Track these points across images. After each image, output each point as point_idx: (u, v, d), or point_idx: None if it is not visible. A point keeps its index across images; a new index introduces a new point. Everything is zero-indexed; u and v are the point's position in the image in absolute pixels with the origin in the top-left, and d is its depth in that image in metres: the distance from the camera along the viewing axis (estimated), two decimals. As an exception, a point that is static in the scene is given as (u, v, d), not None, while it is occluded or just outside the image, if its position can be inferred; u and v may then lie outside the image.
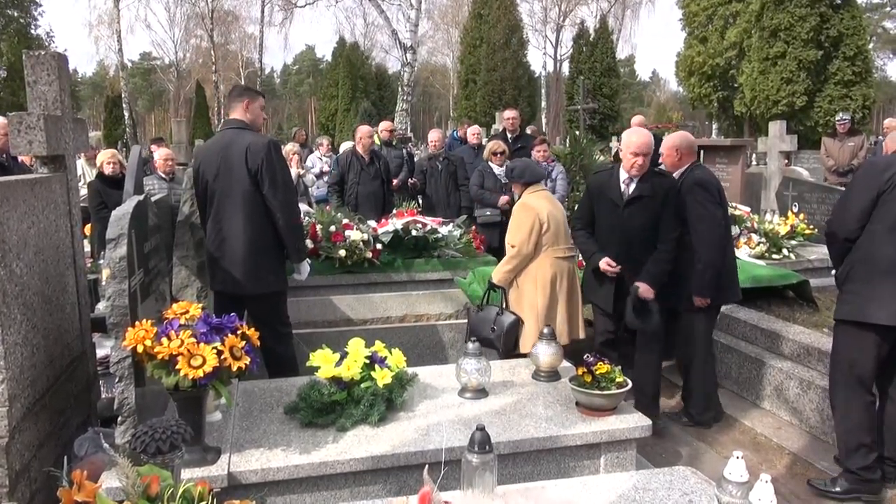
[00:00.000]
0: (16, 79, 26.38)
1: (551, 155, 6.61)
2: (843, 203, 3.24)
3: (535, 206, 4.08)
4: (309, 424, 2.76)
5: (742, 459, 1.87)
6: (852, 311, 3.11)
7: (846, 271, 3.19)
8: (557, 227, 4.11)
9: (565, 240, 4.15)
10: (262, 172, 3.56)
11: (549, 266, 4.05)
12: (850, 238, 3.14)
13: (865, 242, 3.10)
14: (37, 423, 2.46)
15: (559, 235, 4.11)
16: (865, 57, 19.29)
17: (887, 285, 3.00)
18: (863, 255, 3.10)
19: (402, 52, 17.91)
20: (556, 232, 4.09)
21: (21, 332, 2.35)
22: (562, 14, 34.93)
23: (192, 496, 1.76)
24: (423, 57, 39.68)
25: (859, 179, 3.25)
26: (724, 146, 8.96)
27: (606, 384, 2.88)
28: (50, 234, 2.74)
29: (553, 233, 4.07)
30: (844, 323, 3.17)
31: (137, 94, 50.83)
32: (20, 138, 2.72)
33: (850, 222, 3.13)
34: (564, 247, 4.13)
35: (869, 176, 3.13)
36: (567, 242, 4.17)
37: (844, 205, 3.21)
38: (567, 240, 4.17)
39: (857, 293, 3.11)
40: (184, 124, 17.27)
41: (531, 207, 4.08)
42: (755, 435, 3.98)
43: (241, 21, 38.13)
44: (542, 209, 4.07)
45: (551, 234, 4.06)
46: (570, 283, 4.16)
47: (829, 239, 3.31)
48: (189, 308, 2.55)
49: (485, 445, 1.98)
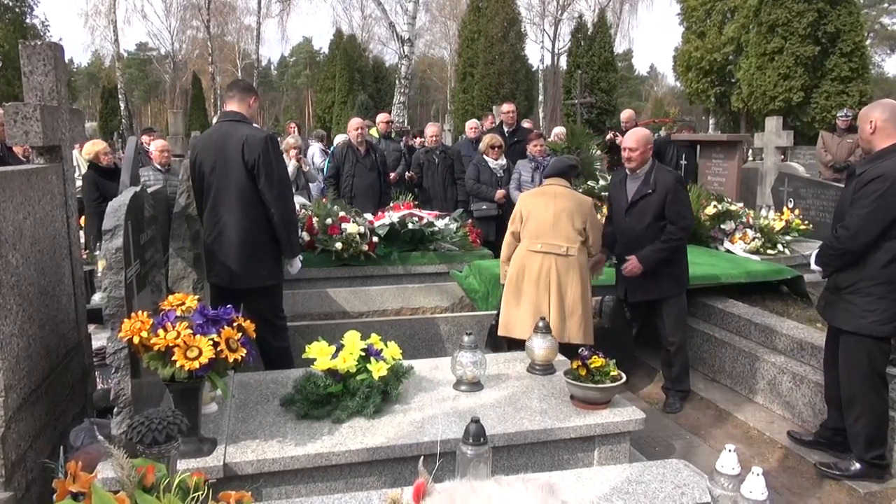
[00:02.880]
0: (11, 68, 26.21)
1: (547, 149, 6.61)
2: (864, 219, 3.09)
3: (523, 198, 4.32)
4: (305, 416, 2.77)
5: (734, 452, 1.89)
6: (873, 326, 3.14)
7: (854, 281, 3.17)
8: (539, 222, 4.10)
9: (549, 235, 4.05)
10: (259, 167, 3.56)
11: (519, 257, 4.19)
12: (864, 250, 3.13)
13: (882, 257, 3.08)
14: (33, 413, 2.46)
15: (540, 230, 4.08)
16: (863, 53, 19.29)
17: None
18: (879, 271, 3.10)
19: (399, 45, 17.86)
20: (537, 226, 4.10)
21: (17, 323, 2.35)
22: (560, 8, 34.85)
23: (187, 486, 1.77)
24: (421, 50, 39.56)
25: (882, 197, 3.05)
26: (720, 141, 8.98)
27: (601, 377, 2.90)
28: (46, 225, 2.74)
29: (531, 226, 4.13)
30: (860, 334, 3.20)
31: (133, 84, 50.54)
32: (16, 128, 2.72)
33: (870, 239, 3.09)
34: (541, 241, 4.07)
35: None
36: (548, 238, 4.05)
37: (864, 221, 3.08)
38: (551, 236, 4.05)
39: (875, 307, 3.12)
40: (180, 116, 17.25)
41: (521, 198, 4.34)
42: (748, 429, 4.00)
43: (237, 12, 37.99)
44: (527, 201, 4.25)
45: (528, 226, 4.16)
46: (547, 279, 4.04)
47: (841, 252, 3.19)
48: (185, 300, 2.55)
49: (479, 437, 1.99)
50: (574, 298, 4.06)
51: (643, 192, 4.09)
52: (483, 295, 5.05)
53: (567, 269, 4.07)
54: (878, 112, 3.15)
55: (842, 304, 3.24)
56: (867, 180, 3.09)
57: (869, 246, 3.10)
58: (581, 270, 4.11)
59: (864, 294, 3.13)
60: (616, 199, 4.32)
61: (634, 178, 4.19)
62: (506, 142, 7.36)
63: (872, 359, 3.19)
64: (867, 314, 3.13)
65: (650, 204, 4.06)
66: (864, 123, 3.20)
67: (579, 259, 4.09)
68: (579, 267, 4.09)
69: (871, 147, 3.20)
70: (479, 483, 0.89)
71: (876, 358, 3.20)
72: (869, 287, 3.12)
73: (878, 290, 3.10)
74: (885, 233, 3.06)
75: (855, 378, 3.24)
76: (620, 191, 4.25)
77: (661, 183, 4.05)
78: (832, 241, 3.25)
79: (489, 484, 0.88)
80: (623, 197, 4.21)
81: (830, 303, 3.35)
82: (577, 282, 4.07)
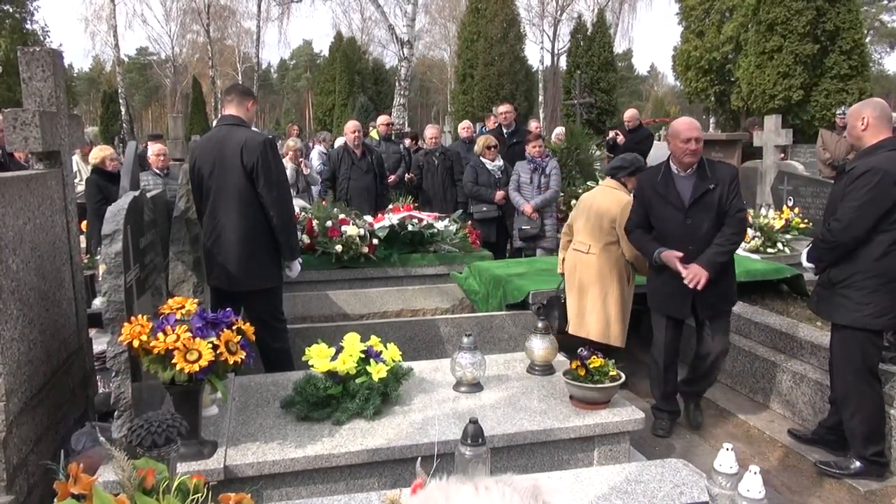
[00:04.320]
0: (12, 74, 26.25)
1: (546, 150, 6.62)
2: (856, 211, 3.12)
3: (582, 196, 4.58)
4: (305, 418, 2.78)
5: (732, 451, 1.90)
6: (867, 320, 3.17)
7: (848, 275, 3.20)
8: (575, 220, 4.38)
9: (581, 233, 4.29)
10: (258, 170, 3.58)
11: (569, 254, 4.41)
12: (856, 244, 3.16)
13: (875, 250, 3.12)
14: (34, 417, 2.47)
15: (576, 228, 4.35)
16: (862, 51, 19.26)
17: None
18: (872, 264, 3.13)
19: (399, 47, 17.86)
20: (574, 224, 4.38)
21: (17, 328, 2.36)
22: (559, 8, 34.86)
23: (187, 488, 1.78)
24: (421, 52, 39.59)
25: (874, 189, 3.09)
26: (719, 140, 8.99)
27: (600, 377, 2.90)
28: (46, 230, 2.75)
29: (578, 223, 4.34)
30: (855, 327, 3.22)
31: (134, 89, 50.64)
32: (15, 134, 2.73)
33: (862, 232, 3.12)
34: (576, 239, 4.33)
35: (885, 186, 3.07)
36: (579, 236, 4.30)
37: (857, 213, 3.11)
38: (581, 234, 4.28)
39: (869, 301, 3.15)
40: (180, 120, 17.29)
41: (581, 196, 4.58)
42: (749, 428, 4.00)
43: (237, 16, 37.98)
44: (580, 199, 4.51)
45: (576, 224, 4.35)
46: (574, 275, 4.29)
47: (833, 245, 3.21)
48: (185, 303, 2.57)
49: (478, 438, 2.00)
50: (594, 296, 4.18)
51: (704, 188, 3.55)
52: (483, 296, 5.05)
53: (588, 267, 4.22)
54: (870, 109, 3.23)
55: (836, 298, 3.26)
56: (858, 174, 3.14)
57: (860, 240, 3.13)
58: (604, 270, 4.16)
59: (858, 288, 3.16)
60: (662, 200, 3.65)
61: (684, 175, 3.63)
62: (504, 143, 7.37)
63: (865, 353, 3.23)
64: (861, 307, 3.15)
65: (713, 201, 3.54)
66: (856, 120, 3.27)
67: (602, 258, 4.17)
68: (601, 266, 4.16)
69: (861, 143, 3.28)
70: (456, 488, 0.85)
71: (868, 352, 3.23)
72: (863, 280, 3.14)
73: (871, 283, 3.13)
74: (876, 226, 3.10)
75: (848, 373, 3.27)
76: (668, 191, 3.63)
77: (721, 175, 3.57)
78: (825, 235, 3.27)
79: (466, 489, 0.84)
80: (675, 197, 3.60)
81: (823, 298, 3.36)
82: (596, 281, 4.16)
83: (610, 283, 4.16)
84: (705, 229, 3.56)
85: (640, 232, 3.82)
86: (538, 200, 6.20)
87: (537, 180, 6.27)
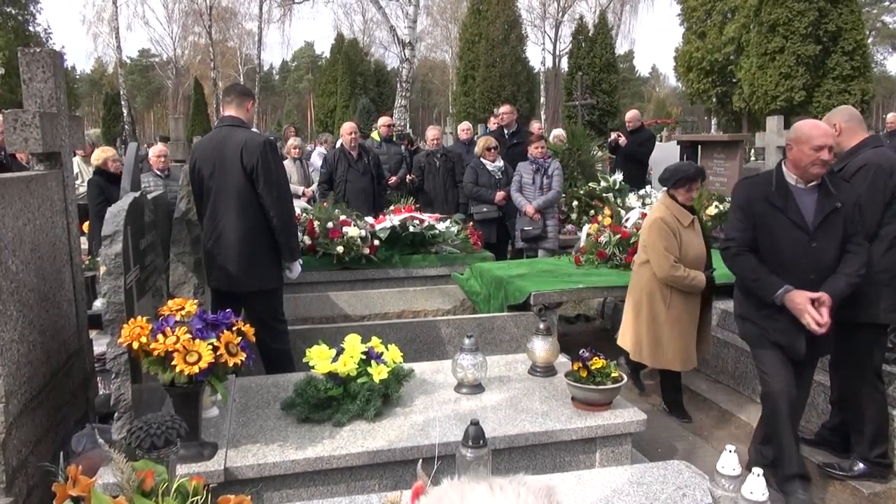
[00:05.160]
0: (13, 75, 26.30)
1: (548, 151, 6.61)
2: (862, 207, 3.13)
3: None
4: (305, 420, 2.77)
5: (735, 453, 1.89)
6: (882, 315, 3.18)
7: None
8: None
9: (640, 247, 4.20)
10: (258, 171, 3.58)
11: None
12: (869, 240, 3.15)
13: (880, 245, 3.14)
14: (34, 419, 2.46)
15: None
16: (864, 52, 19.26)
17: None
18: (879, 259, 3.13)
19: (400, 49, 17.87)
20: None
21: (17, 329, 2.35)
22: (560, 9, 34.89)
23: (186, 491, 1.77)
24: (422, 53, 39.69)
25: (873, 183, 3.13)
26: (721, 141, 8.96)
27: (602, 379, 2.89)
28: (46, 231, 2.74)
29: None
30: (862, 324, 3.22)
31: (136, 90, 50.77)
32: (16, 135, 2.72)
33: (873, 226, 3.13)
34: None
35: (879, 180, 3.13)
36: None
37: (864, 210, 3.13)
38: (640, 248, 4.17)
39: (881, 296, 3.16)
40: (182, 121, 17.31)
41: None
42: (751, 429, 3.98)
43: (239, 17, 38.08)
44: None
45: None
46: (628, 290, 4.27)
47: None
48: (185, 304, 2.56)
49: (479, 440, 1.99)
50: (627, 312, 4.18)
51: (831, 207, 2.97)
52: (484, 297, 5.04)
53: (631, 279, 4.20)
54: (839, 116, 3.38)
55: (848, 298, 3.22)
56: (852, 172, 3.17)
57: (871, 235, 3.13)
58: (637, 286, 4.06)
59: (872, 283, 3.14)
60: (780, 217, 2.99)
61: (804, 188, 3.02)
62: (505, 143, 7.36)
63: (873, 353, 3.23)
64: (879, 302, 3.16)
65: (838, 222, 2.98)
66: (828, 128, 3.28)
67: (637, 275, 4.09)
68: (636, 282, 4.10)
69: (842, 148, 3.35)
70: (470, 487, 0.86)
71: (875, 353, 3.24)
72: (874, 275, 3.13)
73: (883, 277, 3.14)
74: (880, 220, 3.12)
75: (855, 374, 3.26)
76: (788, 206, 2.99)
77: (846, 194, 3.03)
78: None
79: (480, 489, 0.84)
80: (796, 213, 2.97)
81: None
82: (631, 296, 4.15)
83: (642, 301, 3.99)
84: (832, 256, 2.98)
85: (749, 257, 3.07)
86: (540, 201, 6.19)
87: (539, 181, 6.27)
